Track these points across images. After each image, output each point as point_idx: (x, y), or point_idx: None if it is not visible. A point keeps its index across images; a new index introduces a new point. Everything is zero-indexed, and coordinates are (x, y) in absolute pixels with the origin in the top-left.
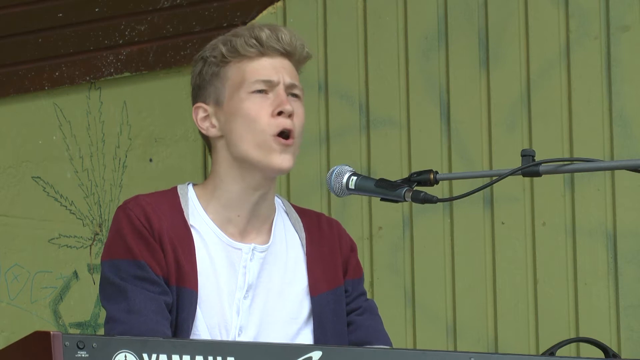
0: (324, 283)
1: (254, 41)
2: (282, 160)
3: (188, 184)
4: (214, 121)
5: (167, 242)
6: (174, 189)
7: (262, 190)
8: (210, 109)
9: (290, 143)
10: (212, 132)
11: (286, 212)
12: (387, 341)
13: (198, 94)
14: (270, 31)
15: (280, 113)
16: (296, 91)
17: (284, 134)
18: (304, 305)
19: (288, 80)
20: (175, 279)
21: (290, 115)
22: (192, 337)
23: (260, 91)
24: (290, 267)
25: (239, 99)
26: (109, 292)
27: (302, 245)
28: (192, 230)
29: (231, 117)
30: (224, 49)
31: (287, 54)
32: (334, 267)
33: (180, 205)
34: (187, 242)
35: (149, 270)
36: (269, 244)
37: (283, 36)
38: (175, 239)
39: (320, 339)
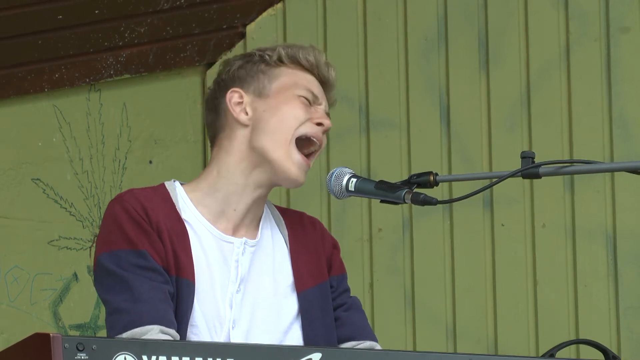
0: (309, 279)
1: (313, 58)
2: (300, 173)
3: (174, 182)
4: (248, 109)
5: (165, 232)
6: (162, 185)
7: (263, 190)
8: (247, 97)
9: (309, 165)
10: (242, 118)
11: (269, 211)
12: (372, 336)
13: (233, 83)
14: (326, 61)
15: (319, 124)
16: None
17: (312, 146)
18: (292, 302)
19: (327, 108)
20: (174, 270)
21: (324, 132)
22: (190, 328)
23: (306, 99)
24: (278, 264)
25: (287, 97)
26: (109, 283)
27: (286, 241)
28: (185, 223)
29: (273, 108)
30: (282, 52)
31: (326, 87)
32: (318, 263)
33: (171, 199)
34: (181, 234)
35: (151, 259)
36: (258, 239)
37: (332, 73)
38: (171, 231)
39: (309, 334)
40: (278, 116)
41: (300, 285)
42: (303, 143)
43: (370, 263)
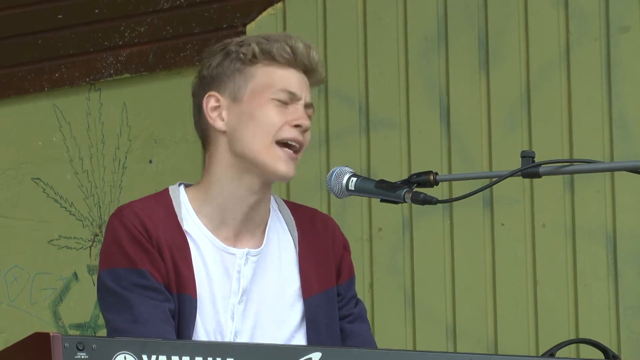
0: (315, 284)
1: (289, 50)
2: (288, 168)
3: (179, 185)
4: (224, 114)
5: (165, 248)
6: (166, 192)
7: (259, 194)
8: (223, 101)
9: (297, 157)
10: (219, 124)
11: (280, 211)
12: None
13: (211, 84)
14: (304, 46)
15: (297, 126)
16: (309, 111)
17: (294, 147)
18: (297, 308)
19: (308, 99)
20: (175, 286)
21: (304, 132)
22: None
23: (281, 101)
24: (284, 270)
25: (260, 102)
26: (110, 302)
27: (295, 244)
28: (186, 234)
29: (247, 116)
30: (257, 49)
31: (310, 73)
32: (327, 267)
33: (173, 209)
34: (183, 248)
35: (151, 278)
36: (261, 247)
37: (314, 55)
38: (172, 245)
39: (314, 341)
40: (253, 124)
41: (307, 291)
42: (284, 144)
43: (370, 263)
